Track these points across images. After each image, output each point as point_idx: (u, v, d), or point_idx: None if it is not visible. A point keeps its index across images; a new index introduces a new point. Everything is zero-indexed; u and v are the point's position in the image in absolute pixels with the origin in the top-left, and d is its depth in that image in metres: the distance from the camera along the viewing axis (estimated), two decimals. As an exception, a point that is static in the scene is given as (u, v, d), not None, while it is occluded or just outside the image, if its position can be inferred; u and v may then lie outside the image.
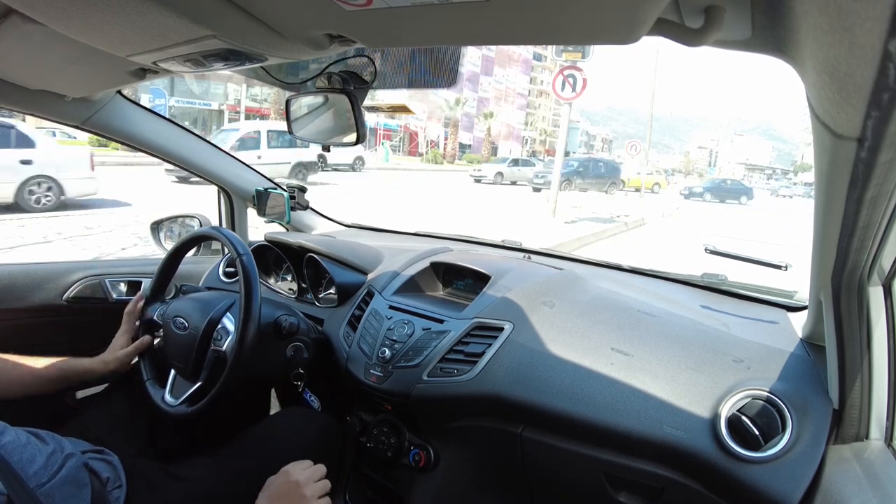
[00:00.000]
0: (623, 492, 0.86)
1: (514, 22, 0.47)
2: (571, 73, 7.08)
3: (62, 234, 4.97)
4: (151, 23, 0.53)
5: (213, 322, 0.97)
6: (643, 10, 0.41)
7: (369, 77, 0.87)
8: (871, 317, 0.62)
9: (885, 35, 0.27)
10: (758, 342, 0.85)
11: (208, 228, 1.19)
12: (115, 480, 0.79)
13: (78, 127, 1.16)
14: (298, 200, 1.51)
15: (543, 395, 0.87)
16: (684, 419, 0.77)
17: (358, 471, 1.19)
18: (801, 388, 0.74)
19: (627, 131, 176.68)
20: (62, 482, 0.65)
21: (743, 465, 0.71)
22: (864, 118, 0.33)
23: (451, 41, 0.61)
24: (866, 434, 0.67)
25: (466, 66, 28.06)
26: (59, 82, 0.98)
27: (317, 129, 0.99)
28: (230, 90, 24.66)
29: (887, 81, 0.29)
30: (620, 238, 7.94)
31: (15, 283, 1.19)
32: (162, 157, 1.34)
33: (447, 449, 1.04)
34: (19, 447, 0.62)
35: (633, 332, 0.91)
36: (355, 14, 0.48)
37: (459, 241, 1.57)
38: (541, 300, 1.02)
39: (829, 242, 0.54)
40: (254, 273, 0.92)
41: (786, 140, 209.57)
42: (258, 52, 0.62)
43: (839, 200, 0.45)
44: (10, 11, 0.64)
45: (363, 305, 1.15)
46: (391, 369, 0.99)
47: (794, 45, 0.39)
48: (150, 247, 1.66)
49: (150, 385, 0.99)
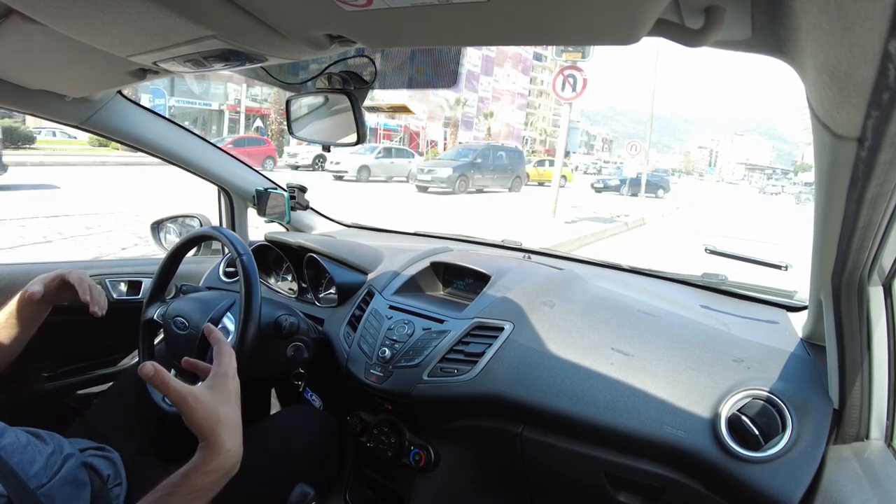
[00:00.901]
0: (623, 491, 0.86)
1: (514, 22, 0.47)
2: (571, 73, 7.08)
3: (62, 234, 4.97)
4: (152, 23, 0.53)
5: (214, 322, 0.97)
6: (643, 11, 0.41)
7: (369, 77, 0.87)
8: (872, 317, 0.62)
9: (885, 35, 0.27)
10: (758, 342, 0.85)
11: (208, 228, 1.19)
12: (116, 478, 0.79)
13: (78, 127, 1.16)
14: (298, 200, 1.51)
15: (543, 395, 0.87)
16: (684, 419, 0.77)
17: (358, 470, 1.19)
18: (802, 388, 0.74)
19: (628, 131, 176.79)
20: (62, 482, 0.65)
21: (743, 465, 0.71)
22: (865, 118, 0.33)
23: (451, 41, 0.61)
24: (866, 434, 0.67)
25: (466, 66, 28.21)
26: (59, 82, 0.98)
27: (317, 130, 1.00)
28: (230, 90, 24.66)
29: (887, 81, 0.29)
30: (620, 238, 7.94)
31: (15, 283, 1.19)
32: (162, 157, 1.34)
33: (447, 449, 1.04)
34: (19, 448, 0.62)
35: (633, 331, 0.91)
36: (355, 14, 0.48)
37: (459, 241, 1.57)
38: (541, 300, 1.02)
39: (829, 242, 0.54)
40: (254, 273, 0.92)
41: (786, 140, 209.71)
42: (258, 53, 0.62)
43: (839, 200, 0.44)
44: (11, 11, 0.64)
45: (363, 305, 1.15)
46: (391, 369, 0.99)
47: (794, 46, 0.39)
48: (150, 247, 1.66)
49: (150, 385, 0.99)
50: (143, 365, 0.52)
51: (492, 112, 39.16)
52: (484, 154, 14.69)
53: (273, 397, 1.46)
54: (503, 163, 15.15)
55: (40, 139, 14.80)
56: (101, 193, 6.98)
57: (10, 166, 7.77)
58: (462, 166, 13.64)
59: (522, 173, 16.09)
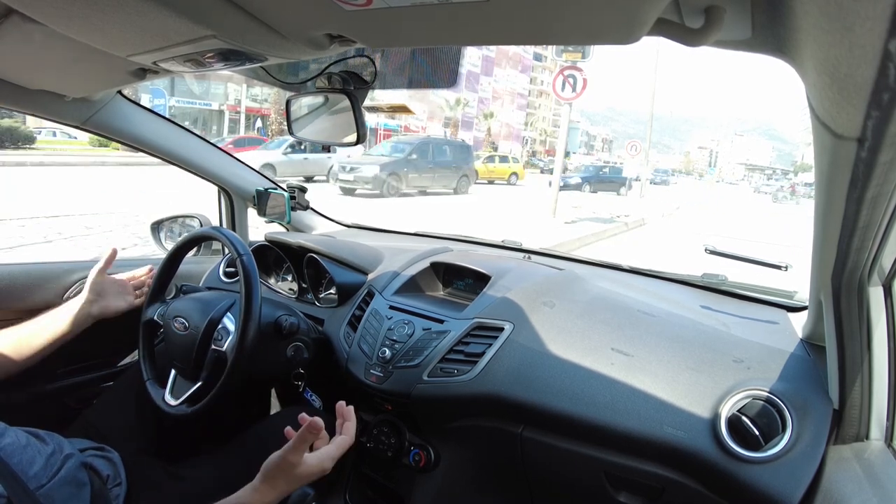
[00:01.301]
0: (623, 492, 0.86)
1: (514, 22, 0.47)
2: (571, 74, 7.08)
3: (62, 235, 4.97)
4: (152, 23, 0.53)
5: (214, 322, 0.97)
6: (643, 11, 0.41)
7: (369, 77, 0.87)
8: (872, 317, 0.62)
9: (885, 35, 0.27)
10: (758, 342, 0.85)
11: (208, 228, 1.19)
12: (116, 478, 0.79)
13: (78, 127, 1.16)
14: (299, 200, 1.51)
15: (544, 395, 0.87)
16: (684, 419, 0.77)
17: (358, 471, 1.19)
18: (802, 389, 0.74)
19: (628, 131, 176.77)
20: (61, 482, 0.65)
21: (743, 466, 0.71)
22: (865, 118, 0.33)
23: (451, 41, 0.61)
24: (866, 434, 0.67)
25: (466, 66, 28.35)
26: (59, 82, 0.98)
27: (317, 130, 1.00)
28: (230, 90, 24.68)
29: (887, 81, 0.29)
30: (620, 238, 7.94)
31: (15, 283, 1.19)
32: (162, 157, 1.34)
33: (447, 449, 1.04)
34: (19, 449, 0.62)
35: (633, 332, 0.91)
36: (355, 14, 0.48)
37: (459, 241, 1.57)
38: (541, 300, 1.02)
39: (829, 242, 0.54)
40: (254, 273, 0.92)
41: (786, 140, 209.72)
42: (258, 53, 0.62)
43: (839, 200, 0.44)
44: (11, 11, 0.64)
45: (363, 305, 1.15)
46: (391, 369, 0.99)
47: (794, 46, 0.39)
48: (150, 247, 1.66)
49: (150, 385, 0.99)
50: (303, 416, 0.69)
51: (492, 112, 39.18)
52: (421, 149, 12.24)
53: (273, 397, 1.46)
54: (446, 159, 12.72)
55: (40, 139, 14.82)
56: (102, 193, 6.98)
57: (11, 166, 7.76)
58: (393, 164, 11.36)
59: (470, 171, 13.69)
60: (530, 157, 51.07)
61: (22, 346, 0.92)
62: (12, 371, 0.91)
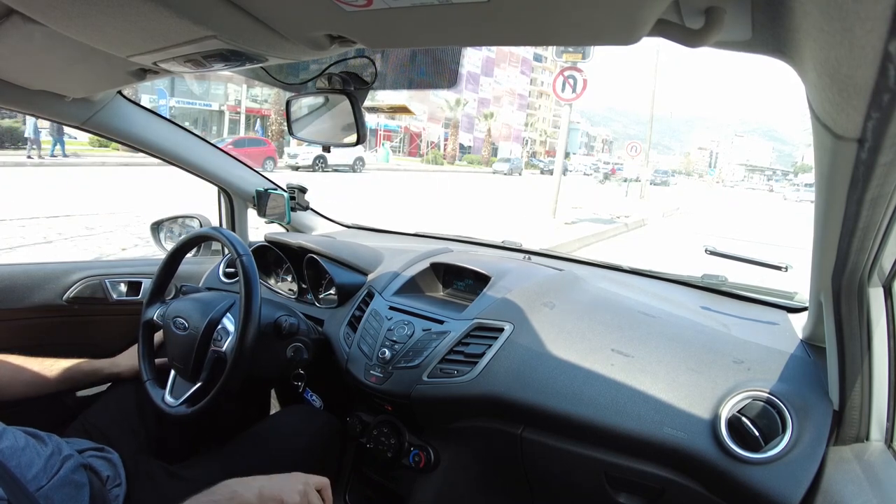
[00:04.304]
0: (623, 492, 0.86)
1: (514, 22, 0.47)
2: (572, 74, 7.09)
3: (63, 235, 4.97)
4: (152, 23, 0.53)
5: (214, 322, 0.97)
6: (643, 11, 0.41)
7: (369, 78, 0.87)
8: (872, 318, 0.62)
9: (885, 36, 0.27)
10: (758, 343, 0.85)
11: (208, 229, 1.19)
12: (115, 478, 0.79)
13: (78, 127, 1.16)
14: (298, 201, 1.51)
15: (543, 396, 0.87)
16: (684, 420, 0.77)
17: (358, 471, 1.19)
18: (802, 390, 0.74)
19: (628, 132, 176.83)
20: (60, 483, 0.65)
21: (743, 467, 0.71)
22: (865, 119, 0.33)
23: (451, 42, 0.61)
24: (867, 435, 0.67)
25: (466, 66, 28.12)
26: (59, 83, 0.98)
27: (317, 130, 0.99)
28: (230, 91, 24.68)
29: (888, 82, 0.29)
30: (620, 239, 7.93)
31: (15, 283, 1.19)
32: (162, 158, 1.34)
33: (447, 449, 1.04)
34: (18, 451, 0.62)
35: (633, 332, 0.91)
36: (355, 14, 0.48)
37: (459, 241, 1.57)
38: (541, 301, 1.01)
39: (829, 243, 0.54)
40: (254, 273, 0.92)
41: (786, 141, 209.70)
42: (258, 53, 0.62)
43: (839, 201, 0.44)
44: (11, 12, 0.64)
45: (363, 306, 1.15)
46: (391, 370, 0.99)
47: (794, 46, 0.39)
48: (150, 247, 1.65)
49: (150, 385, 0.99)
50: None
51: (492, 113, 39.18)
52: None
53: (273, 397, 1.46)
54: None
55: (40, 139, 14.77)
56: (102, 193, 6.98)
57: (11, 166, 7.77)
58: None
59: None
60: (530, 157, 51.12)
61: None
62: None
